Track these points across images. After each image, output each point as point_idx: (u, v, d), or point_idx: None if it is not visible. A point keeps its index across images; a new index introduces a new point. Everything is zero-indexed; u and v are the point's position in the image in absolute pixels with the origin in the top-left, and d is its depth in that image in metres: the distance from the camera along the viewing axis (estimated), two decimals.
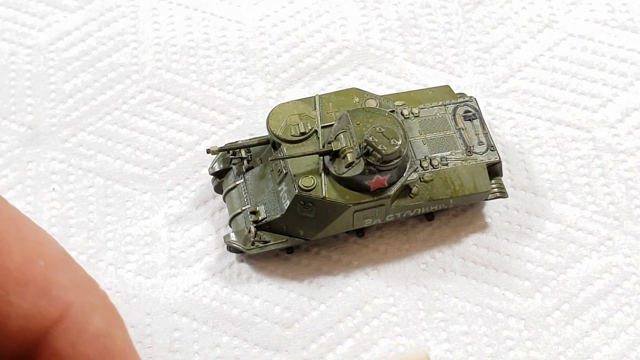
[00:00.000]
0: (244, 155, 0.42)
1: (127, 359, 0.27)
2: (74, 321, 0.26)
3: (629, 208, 0.42)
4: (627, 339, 0.39)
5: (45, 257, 0.26)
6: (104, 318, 0.26)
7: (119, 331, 0.27)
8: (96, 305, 0.26)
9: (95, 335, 0.26)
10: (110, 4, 0.49)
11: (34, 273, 0.25)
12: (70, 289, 0.26)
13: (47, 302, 0.25)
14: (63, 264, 0.26)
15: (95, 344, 0.26)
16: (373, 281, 0.40)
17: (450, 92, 0.43)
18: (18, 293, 0.25)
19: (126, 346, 0.27)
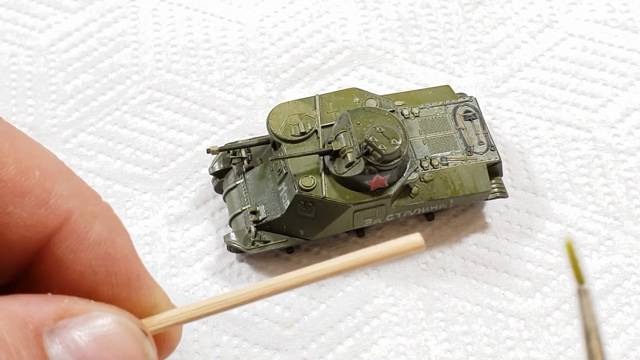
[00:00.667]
0: (244, 155, 0.42)
1: (129, 265, 0.27)
2: (75, 228, 0.26)
3: (629, 208, 0.42)
4: (627, 339, 0.39)
5: (42, 168, 0.26)
6: (106, 226, 0.27)
7: (121, 239, 0.27)
8: (97, 214, 0.27)
9: (96, 242, 0.26)
10: (110, 5, 0.49)
11: (31, 183, 0.26)
12: (69, 198, 0.26)
13: (46, 211, 0.26)
14: (61, 174, 0.27)
15: (97, 250, 0.26)
16: (373, 281, 0.40)
17: (450, 92, 0.43)
18: (16, 203, 0.25)
19: (128, 252, 0.27)
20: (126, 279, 0.27)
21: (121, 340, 0.25)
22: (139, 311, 0.27)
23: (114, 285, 0.26)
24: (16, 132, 0.27)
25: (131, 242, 0.27)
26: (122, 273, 0.27)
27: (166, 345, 0.28)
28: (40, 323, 0.24)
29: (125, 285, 0.27)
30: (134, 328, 0.26)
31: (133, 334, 0.26)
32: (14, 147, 0.26)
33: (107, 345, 0.25)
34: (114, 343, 0.25)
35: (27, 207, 0.26)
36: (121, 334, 0.25)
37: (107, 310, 0.26)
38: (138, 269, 0.27)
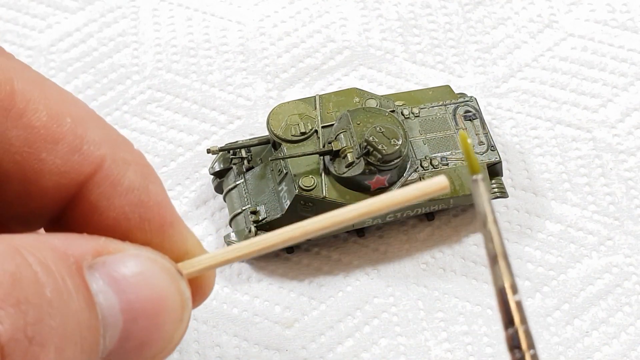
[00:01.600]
0: (244, 155, 0.42)
1: (162, 212, 0.27)
2: (108, 175, 0.26)
3: (629, 208, 0.42)
4: (627, 339, 0.39)
5: (73, 115, 0.26)
6: (139, 173, 0.27)
7: (154, 186, 0.27)
8: (130, 161, 0.27)
9: (129, 188, 0.27)
10: (110, 5, 0.49)
11: (63, 130, 0.26)
12: (102, 145, 0.26)
13: (79, 158, 0.26)
14: (92, 121, 0.27)
15: (130, 197, 0.27)
16: (373, 281, 0.40)
17: (450, 92, 0.43)
18: (49, 150, 0.26)
19: (161, 199, 0.27)
20: (159, 225, 0.27)
21: (158, 278, 0.26)
22: (172, 257, 0.27)
23: (147, 232, 0.27)
24: (46, 81, 0.27)
25: (164, 190, 0.28)
26: (155, 220, 0.27)
27: (200, 292, 0.29)
28: (80, 257, 0.25)
29: (158, 232, 0.27)
30: (169, 267, 0.26)
31: (169, 272, 0.26)
32: (45, 95, 0.26)
33: (144, 281, 0.25)
34: (152, 280, 0.25)
35: (60, 153, 0.26)
36: (157, 272, 0.26)
37: (143, 249, 0.26)
38: (171, 216, 0.27)
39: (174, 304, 0.26)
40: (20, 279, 0.23)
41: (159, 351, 0.26)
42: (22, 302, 0.22)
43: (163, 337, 0.26)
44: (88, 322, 0.24)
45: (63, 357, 0.23)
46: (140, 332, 0.25)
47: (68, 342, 0.23)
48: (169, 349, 0.26)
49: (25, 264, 0.23)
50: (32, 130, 0.26)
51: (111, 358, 0.25)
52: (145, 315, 0.25)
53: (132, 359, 0.26)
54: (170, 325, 0.26)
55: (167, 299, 0.26)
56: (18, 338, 0.22)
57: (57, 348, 0.23)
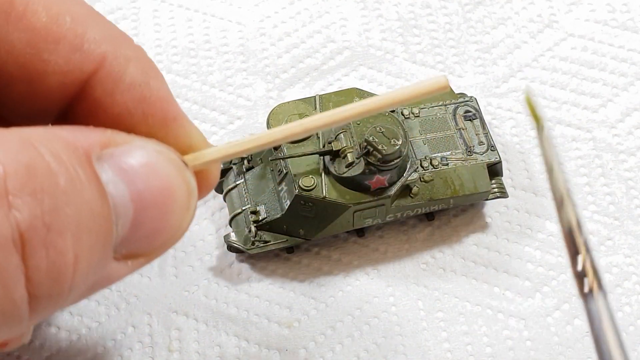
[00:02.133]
0: (244, 155, 0.42)
1: (165, 107, 0.28)
2: (110, 71, 0.27)
3: (629, 208, 0.42)
4: (627, 339, 0.39)
5: (72, 14, 0.27)
6: (140, 68, 0.27)
7: (156, 81, 0.28)
8: (131, 57, 0.27)
9: (131, 84, 0.27)
10: (111, 6, 0.49)
11: (63, 30, 0.26)
12: (102, 42, 0.27)
13: (80, 56, 0.27)
14: (92, 19, 0.27)
15: (132, 93, 0.27)
16: (373, 281, 0.40)
17: (450, 92, 0.43)
18: (51, 50, 0.26)
19: (163, 94, 0.28)
20: (162, 120, 0.27)
21: (164, 168, 0.26)
22: (176, 150, 0.27)
23: (150, 126, 0.27)
24: None
25: (166, 85, 0.28)
26: (158, 114, 0.27)
27: (204, 183, 0.29)
28: (89, 148, 0.25)
29: (161, 126, 0.28)
30: (175, 158, 0.27)
31: (175, 163, 0.27)
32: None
33: (152, 171, 0.26)
34: (158, 169, 0.26)
35: (61, 53, 0.26)
36: (164, 162, 0.26)
37: (149, 141, 0.27)
38: (174, 111, 0.28)
39: (181, 192, 0.27)
40: (35, 169, 0.23)
41: (168, 238, 0.27)
42: (38, 191, 0.23)
43: (172, 224, 0.27)
44: (101, 210, 0.25)
45: (79, 244, 0.24)
46: (150, 220, 0.26)
47: (83, 230, 0.24)
48: (177, 236, 0.27)
49: (38, 155, 0.23)
50: (33, 32, 0.26)
51: (123, 245, 0.26)
52: (154, 204, 0.26)
53: (143, 246, 0.27)
54: (179, 213, 0.27)
55: (175, 188, 0.26)
56: (36, 225, 0.23)
57: (74, 235, 0.24)
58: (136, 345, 0.39)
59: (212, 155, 0.28)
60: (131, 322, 0.39)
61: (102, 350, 0.38)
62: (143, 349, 0.39)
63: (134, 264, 0.27)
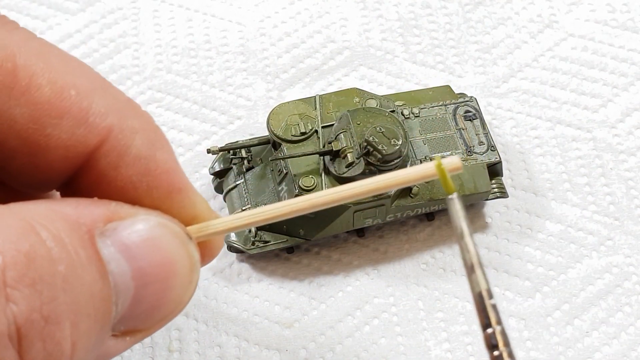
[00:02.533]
0: (244, 155, 0.42)
1: (170, 179, 0.27)
2: (115, 145, 0.26)
3: (629, 208, 0.42)
4: (627, 339, 0.39)
5: (77, 86, 0.26)
6: (146, 140, 0.27)
7: (162, 153, 0.27)
8: (137, 129, 0.27)
9: (137, 157, 0.27)
10: (111, 7, 0.49)
11: (67, 104, 0.26)
12: (108, 115, 0.26)
13: (85, 130, 0.26)
14: (98, 91, 0.27)
15: (138, 166, 0.27)
16: (373, 281, 0.40)
17: (450, 92, 0.43)
18: (54, 125, 0.26)
19: (169, 167, 0.27)
20: (167, 192, 0.27)
21: (167, 242, 0.26)
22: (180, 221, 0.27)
23: (155, 198, 0.27)
24: (50, 50, 0.27)
25: (173, 155, 0.28)
26: (163, 187, 0.27)
27: (208, 253, 0.29)
28: (92, 225, 0.25)
29: (166, 198, 0.27)
30: (179, 231, 0.27)
31: (178, 236, 0.26)
32: (48, 67, 0.26)
33: (155, 247, 0.26)
34: (161, 244, 0.26)
35: (65, 128, 0.26)
36: (167, 236, 0.26)
37: (153, 214, 0.26)
38: (180, 182, 0.28)
39: (183, 267, 0.26)
40: (35, 258, 0.23)
41: (168, 313, 0.27)
42: (37, 281, 0.23)
43: (173, 299, 0.26)
44: (101, 292, 0.24)
45: (77, 331, 0.24)
46: (151, 296, 0.26)
47: (82, 315, 0.24)
48: (177, 311, 0.27)
49: (39, 241, 0.23)
50: (36, 107, 0.26)
51: (122, 323, 0.26)
52: (155, 280, 0.26)
53: (143, 322, 0.26)
54: (180, 289, 0.26)
55: (177, 264, 0.26)
56: (34, 319, 0.23)
57: (72, 323, 0.23)
58: (136, 345, 0.39)
59: (217, 227, 0.28)
60: None
61: None
62: (143, 349, 0.39)
63: (132, 340, 0.27)
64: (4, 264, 0.22)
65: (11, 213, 0.24)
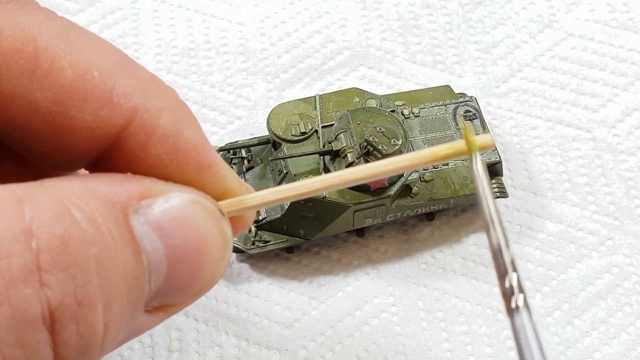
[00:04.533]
0: (244, 155, 0.42)
1: (199, 156, 0.27)
2: (142, 125, 0.26)
3: (629, 208, 0.42)
4: (627, 339, 0.39)
5: (100, 67, 0.26)
6: (172, 118, 0.27)
7: (190, 130, 0.27)
8: (162, 107, 0.27)
9: (164, 136, 0.27)
10: (111, 7, 0.49)
11: (91, 86, 0.26)
12: (132, 95, 0.26)
13: (110, 112, 0.26)
14: (121, 71, 0.26)
15: (166, 145, 0.27)
16: (373, 281, 0.40)
17: (450, 92, 0.43)
18: (78, 108, 0.26)
19: (197, 144, 0.27)
20: (197, 169, 0.27)
21: (201, 220, 0.26)
22: (212, 196, 0.27)
23: (186, 175, 0.27)
24: (72, 31, 0.27)
25: (201, 131, 0.28)
26: (193, 164, 0.27)
27: (240, 226, 0.29)
28: (126, 203, 0.25)
29: (197, 175, 0.27)
30: (212, 208, 0.27)
31: (211, 213, 0.26)
32: (70, 49, 0.26)
33: (188, 224, 0.26)
34: (195, 223, 0.26)
35: (89, 110, 0.26)
36: (201, 214, 0.26)
37: (186, 191, 0.26)
38: (210, 158, 0.27)
39: (216, 245, 0.26)
40: (69, 242, 0.23)
41: (201, 289, 0.27)
42: (71, 265, 0.23)
43: (205, 276, 0.26)
44: (134, 272, 0.24)
45: (110, 312, 0.24)
46: (184, 274, 0.26)
47: (115, 297, 0.24)
48: (210, 286, 0.27)
49: (73, 224, 0.23)
50: (59, 90, 0.25)
51: (155, 299, 0.26)
52: (189, 258, 0.26)
53: (176, 297, 0.26)
54: (213, 265, 0.27)
55: (210, 241, 0.26)
56: (67, 303, 0.23)
57: (105, 305, 0.23)
58: (136, 345, 0.39)
59: (249, 202, 0.28)
60: None
61: None
62: (143, 349, 0.39)
63: (165, 314, 0.27)
64: (39, 248, 0.22)
65: (45, 192, 0.24)
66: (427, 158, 0.27)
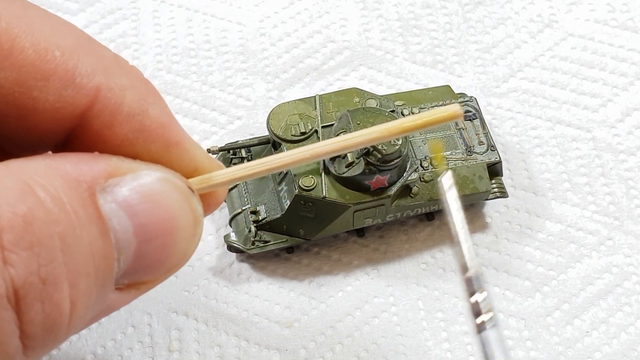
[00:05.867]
0: (244, 155, 0.42)
1: (166, 133, 0.27)
2: (106, 104, 0.26)
3: (629, 208, 0.42)
4: (627, 339, 0.39)
5: (62, 47, 0.26)
6: (137, 96, 0.27)
7: (155, 107, 0.27)
8: (126, 85, 0.27)
9: (129, 114, 0.26)
10: (111, 7, 0.49)
11: (52, 66, 0.26)
12: (95, 74, 0.26)
13: (72, 92, 0.26)
14: (83, 50, 0.26)
15: (132, 123, 0.26)
16: (373, 281, 0.40)
17: (450, 92, 0.43)
18: (40, 88, 0.26)
19: (163, 121, 0.27)
20: (165, 146, 0.27)
21: (170, 197, 0.26)
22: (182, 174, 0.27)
23: (153, 153, 0.27)
24: (32, 11, 0.26)
25: (166, 108, 0.28)
26: (160, 141, 0.27)
27: (212, 202, 0.29)
28: (93, 182, 0.25)
29: (165, 152, 0.27)
30: (181, 185, 0.26)
31: (181, 190, 0.26)
32: (31, 29, 0.26)
33: (157, 202, 0.26)
34: (163, 200, 0.26)
35: (52, 90, 0.26)
36: (170, 191, 0.26)
37: (154, 169, 0.26)
38: (177, 135, 0.27)
39: (186, 222, 0.26)
40: (32, 221, 0.23)
41: (172, 266, 0.27)
42: (35, 244, 0.23)
43: (177, 253, 0.26)
44: (101, 250, 0.24)
45: (76, 290, 0.24)
46: (154, 251, 0.26)
47: (81, 275, 0.24)
48: (182, 263, 0.27)
49: (37, 203, 0.23)
50: (21, 70, 0.25)
51: (125, 277, 0.26)
52: (158, 235, 0.26)
53: (147, 275, 0.26)
54: (184, 242, 0.26)
55: (180, 218, 0.26)
56: (32, 281, 0.23)
57: (71, 283, 0.23)
58: (136, 345, 0.39)
59: (219, 179, 0.28)
60: (131, 322, 0.39)
61: (102, 351, 0.38)
62: (143, 349, 0.39)
63: (137, 292, 0.27)
64: (1, 228, 0.22)
65: (9, 172, 0.24)
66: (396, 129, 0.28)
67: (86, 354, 0.38)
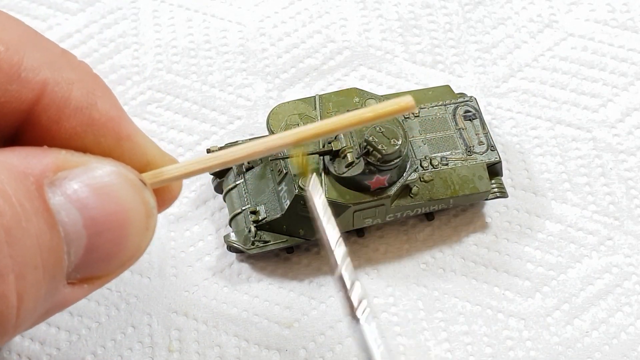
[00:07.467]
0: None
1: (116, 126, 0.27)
2: (53, 98, 0.26)
3: (629, 208, 0.42)
4: (627, 339, 0.39)
5: (7, 42, 0.26)
6: (84, 91, 0.26)
7: (103, 101, 0.27)
8: (73, 80, 0.26)
9: (77, 109, 0.26)
10: (111, 7, 0.49)
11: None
12: (41, 69, 0.26)
13: (18, 87, 0.26)
14: (29, 45, 0.26)
15: (80, 117, 0.26)
16: (373, 281, 0.40)
17: (450, 92, 0.43)
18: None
19: (113, 115, 0.27)
20: (115, 140, 0.27)
21: (121, 190, 0.26)
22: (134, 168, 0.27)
23: (104, 147, 0.27)
24: None
25: (116, 102, 0.27)
26: (110, 135, 0.27)
27: (167, 197, 0.29)
28: (41, 175, 0.24)
29: (115, 146, 0.27)
30: (132, 178, 0.26)
31: (132, 183, 0.26)
32: None
33: (107, 195, 0.25)
34: (115, 192, 0.26)
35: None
36: (121, 184, 0.26)
37: (105, 162, 0.26)
38: (127, 129, 0.27)
39: (138, 214, 0.26)
40: None
41: (126, 260, 0.27)
42: None
43: (129, 246, 0.26)
44: (49, 243, 0.24)
45: (23, 283, 0.23)
46: (105, 245, 0.26)
47: (28, 267, 0.23)
48: (136, 257, 0.27)
49: None
50: None
51: (77, 271, 0.25)
52: (109, 228, 0.25)
53: (100, 269, 0.26)
54: (136, 236, 0.26)
55: (131, 211, 0.26)
56: None
57: (17, 275, 0.23)
58: (136, 345, 0.39)
59: (171, 173, 0.28)
60: (131, 322, 0.39)
61: (102, 351, 0.38)
62: (143, 349, 0.39)
63: (91, 286, 0.26)
64: None
65: None
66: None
67: (86, 354, 0.38)
